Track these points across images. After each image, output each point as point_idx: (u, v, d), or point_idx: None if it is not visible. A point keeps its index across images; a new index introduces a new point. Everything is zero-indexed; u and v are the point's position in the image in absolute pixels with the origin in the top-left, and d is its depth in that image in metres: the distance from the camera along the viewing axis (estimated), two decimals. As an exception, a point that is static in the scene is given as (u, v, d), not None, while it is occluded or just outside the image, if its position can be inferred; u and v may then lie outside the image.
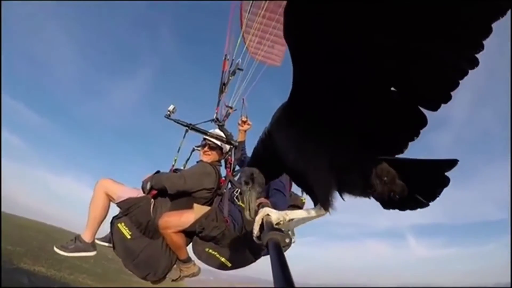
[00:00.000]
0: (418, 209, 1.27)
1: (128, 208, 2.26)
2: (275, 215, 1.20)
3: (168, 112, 2.55)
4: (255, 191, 1.34)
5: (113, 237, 2.26)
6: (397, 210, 1.28)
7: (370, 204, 1.24)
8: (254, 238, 1.16)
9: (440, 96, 0.91)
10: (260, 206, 1.56)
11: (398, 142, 1.09)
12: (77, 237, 2.26)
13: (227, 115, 3.01)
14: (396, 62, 0.86)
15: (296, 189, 2.70)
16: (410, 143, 1.08)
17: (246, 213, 1.32)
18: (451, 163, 1.15)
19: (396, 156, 1.14)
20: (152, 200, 2.36)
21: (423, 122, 0.98)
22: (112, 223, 2.29)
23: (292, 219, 1.23)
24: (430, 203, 1.23)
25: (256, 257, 2.32)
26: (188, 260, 2.36)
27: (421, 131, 1.02)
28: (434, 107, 0.93)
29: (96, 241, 2.40)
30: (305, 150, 1.14)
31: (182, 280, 2.40)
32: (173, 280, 2.34)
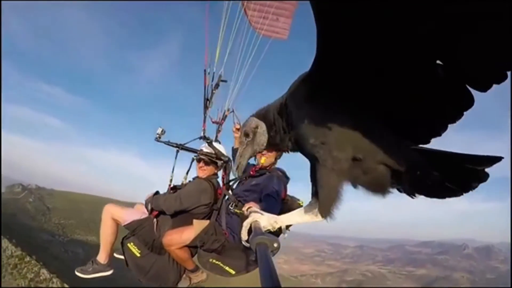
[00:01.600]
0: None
1: (134, 229, 2.46)
2: (264, 222, 1.21)
3: (157, 135, 2.57)
4: (252, 149, 1.22)
5: (125, 255, 2.49)
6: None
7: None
8: (243, 242, 1.19)
9: (494, 75, 0.77)
10: (249, 211, 1.56)
11: (437, 124, 0.96)
12: (94, 260, 2.52)
13: (224, 117, 2.96)
14: (446, 30, 0.73)
15: (292, 192, 2.67)
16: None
17: (234, 168, 1.24)
18: (494, 160, 0.98)
19: (433, 140, 1.01)
20: (155, 219, 2.51)
21: (469, 103, 0.85)
22: (122, 243, 2.51)
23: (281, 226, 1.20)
24: (464, 193, 1.07)
25: (257, 262, 2.45)
26: (195, 269, 2.56)
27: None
28: (485, 88, 0.80)
29: (116, 255, 2.66)
30: (326, 136, 1.02)
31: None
32: (183, 288, 2.58)
